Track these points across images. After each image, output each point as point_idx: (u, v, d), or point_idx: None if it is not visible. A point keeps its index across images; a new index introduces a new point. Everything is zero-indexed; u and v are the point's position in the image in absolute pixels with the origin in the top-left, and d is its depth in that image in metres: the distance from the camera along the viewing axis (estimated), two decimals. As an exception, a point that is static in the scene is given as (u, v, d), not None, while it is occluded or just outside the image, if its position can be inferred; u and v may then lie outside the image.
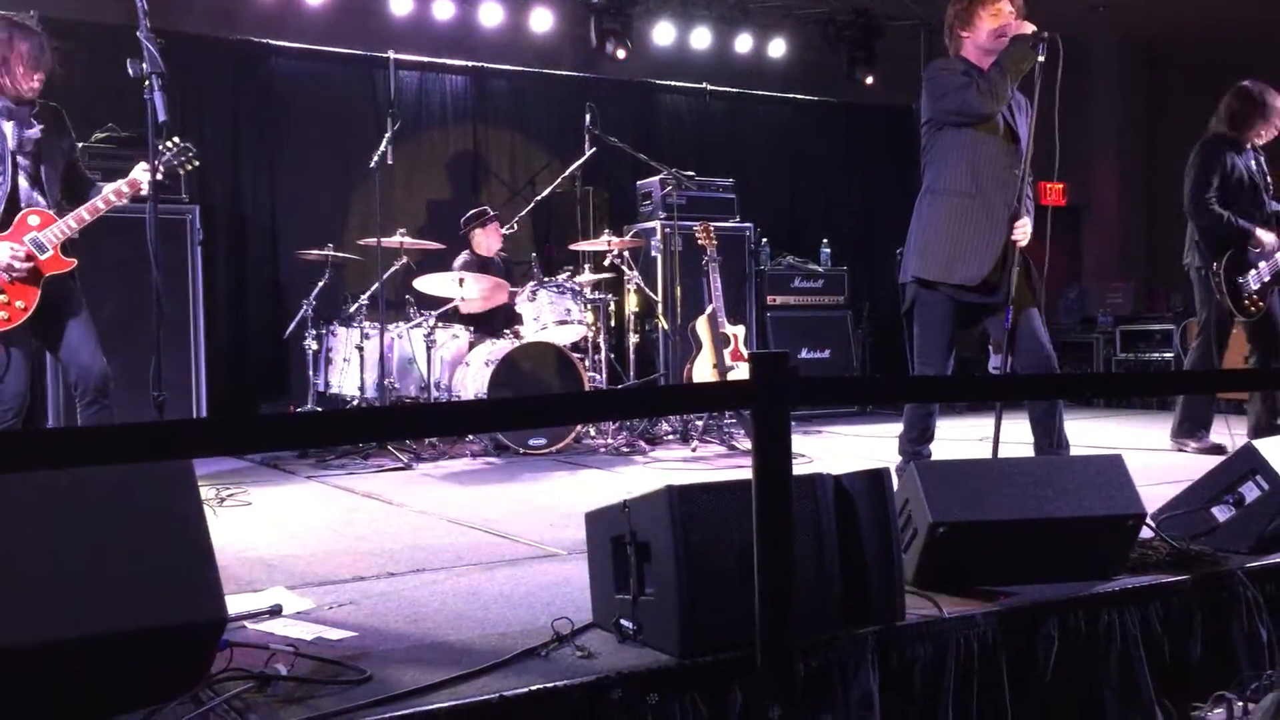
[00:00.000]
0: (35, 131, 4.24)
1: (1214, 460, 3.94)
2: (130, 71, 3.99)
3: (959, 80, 4.17)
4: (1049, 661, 2.80)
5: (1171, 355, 9.05)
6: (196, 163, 4.69)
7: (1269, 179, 5.98)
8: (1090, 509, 2.99)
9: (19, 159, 4.22)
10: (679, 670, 2.36)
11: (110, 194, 4.35)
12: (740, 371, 6.67)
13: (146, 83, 3.95)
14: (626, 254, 7.31)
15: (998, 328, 4.37)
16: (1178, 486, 3.67)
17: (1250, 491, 3.34)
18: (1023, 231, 4.19)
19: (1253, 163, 5.91)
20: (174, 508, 2.20)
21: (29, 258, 4.21)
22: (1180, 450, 5.91)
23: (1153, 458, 5.62)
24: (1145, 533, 3.18)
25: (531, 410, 2.55)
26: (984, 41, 4.23)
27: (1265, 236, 5.73)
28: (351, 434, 3.38)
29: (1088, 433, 6.63)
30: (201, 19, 7.58)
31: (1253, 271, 5.73)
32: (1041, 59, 4.02)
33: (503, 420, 3.77)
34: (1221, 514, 3.38)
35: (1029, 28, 4.11)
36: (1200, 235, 5.92)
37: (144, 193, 4.32)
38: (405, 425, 2.59)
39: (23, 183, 4.23)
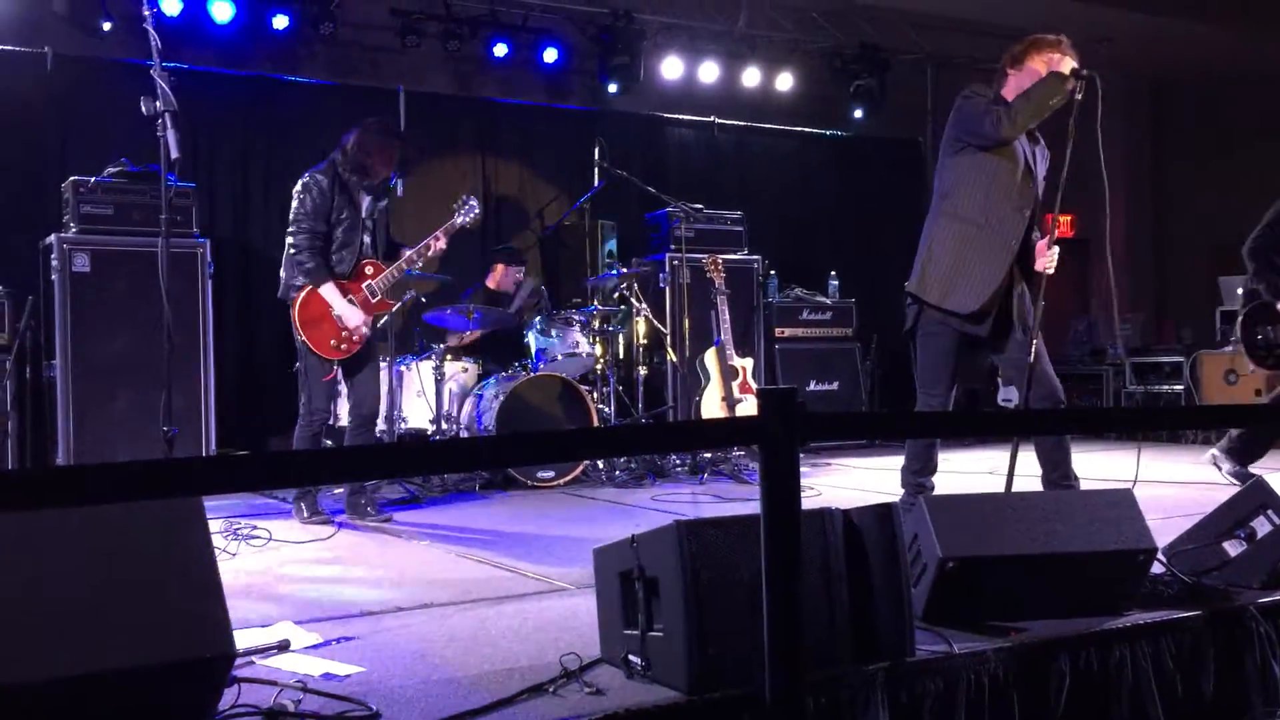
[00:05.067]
0: (383, 204, 5.39)
1: (1227, 492, 3.92)
2: (144, 109, 4.03)
3: (985, 104, 4.18)
4: (1061, 698, 2.78)
5: (1182, 388, 9.02)
6: (476, 211, 5.53)
7: None
8: (1101, 544, 2.98)
9: (366, 223, 5.26)
10: (688, 707, 2.35)
11: (421, 247, 5.29)
12: (749, 404, 6.67)
13: (159, 120, 3.98)
14: (635, 286, 7.33)
15: (1006, 361, 4.37)
16: (1189, 520, 3.66)
17: (1262, 526, 3.32)
18: (1051, 261, 4.19)
19: None
20: (182, 543, 2.20)
21: (366, 307, 5.18)
22: (1214, 465, 5.83)
23: (1163, 491, 5.58)
24: (1156, 568, 3.16)
25: (540, 447, 2.56)
26: (1027, 84, 4.20)
27: None
28: (363, 471, 3.39)
29: (1098, 465, 6.60)
30: (214, 55, 7.65)
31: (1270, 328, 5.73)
32: (1079, 97, 4.03)
33: (510, 456, 3.77)
34: (1233, 549, 3.36)
35: (1069, 65, 4.10)
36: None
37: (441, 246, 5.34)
38: (415, 462, 2.59)
39: (365, 240, 5.27)
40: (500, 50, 8.45)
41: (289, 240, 5.15)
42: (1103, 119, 4.00)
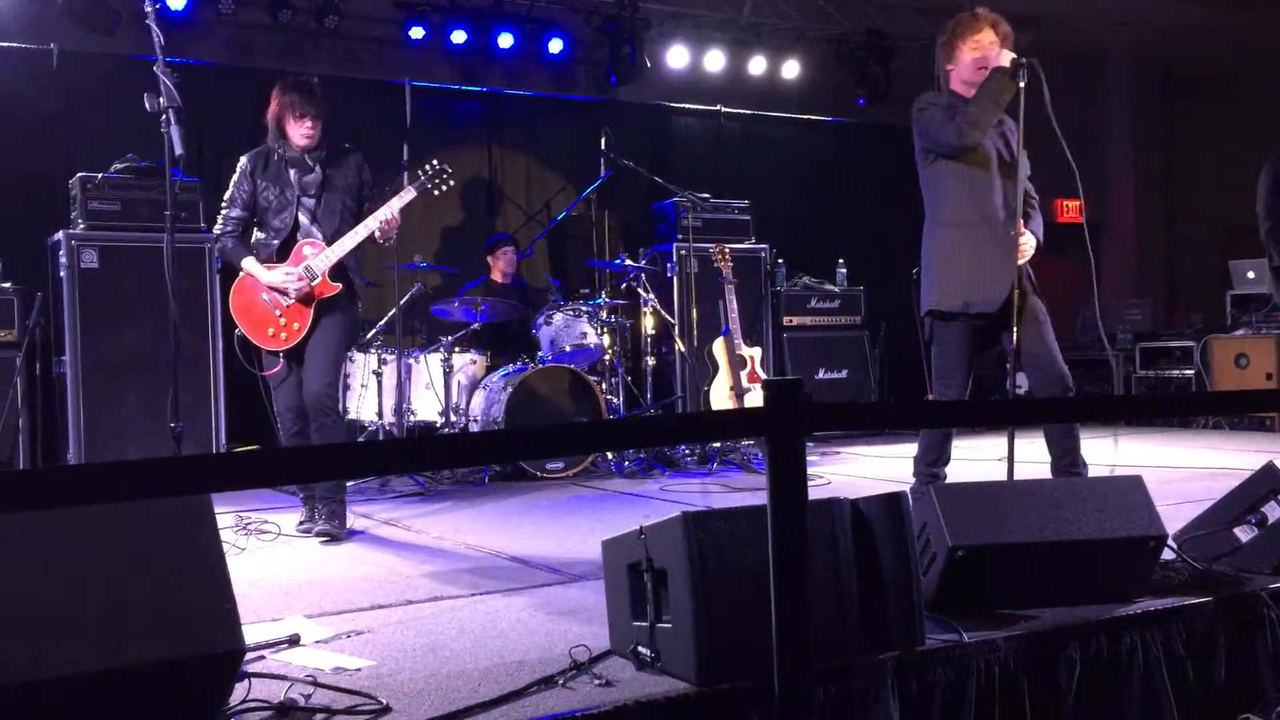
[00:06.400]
0: (315, 175, 4.73)
1: (1238, 477, 3.90)
2: (148, 105, 4.03)
3: (941, 114, 4.20)
4: (1071, 686, 2.77)
5: (1192, 372, 8.98)
6: (451, 183, 5.06)
7: None
8: (1110, 531, 2.97)
9: (303, 200, 4.72)
10: (697, 698, 2.35)
11: (369, 220, 4.68)
12: (757, 394, 6.66)
13: (163, 116, 3.99)
14: (643, 276, 7.33)
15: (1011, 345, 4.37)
16: (1199, 507, 3.65)
17: (1273, 511, 3.31)
18: (1027, 247, 4.20)
19: None
20: (191, 539, 2.21)
21: (304, 283, 4.61)
22: None
23: (1173, 477, 5.57)
24: (1166, 554, 3.15)
25: (549, 440, 2.55)
26: (966, 73, 4.25)
27: None
28: (374, 467, 3.38)
29: (1107, 452, 6.58)
30: (219, 50, 7.65)
31: None
32: (1022, 84, 4.03)
33: (519, 451, 3.77)
34: (1244, 534, 3.35)
35: (1008, 58, 4.10)
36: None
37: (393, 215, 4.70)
38: (426, 457, 2.59)
39: (302, 219, 4.71)
40: (505, 41, 8.45)
41: None
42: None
